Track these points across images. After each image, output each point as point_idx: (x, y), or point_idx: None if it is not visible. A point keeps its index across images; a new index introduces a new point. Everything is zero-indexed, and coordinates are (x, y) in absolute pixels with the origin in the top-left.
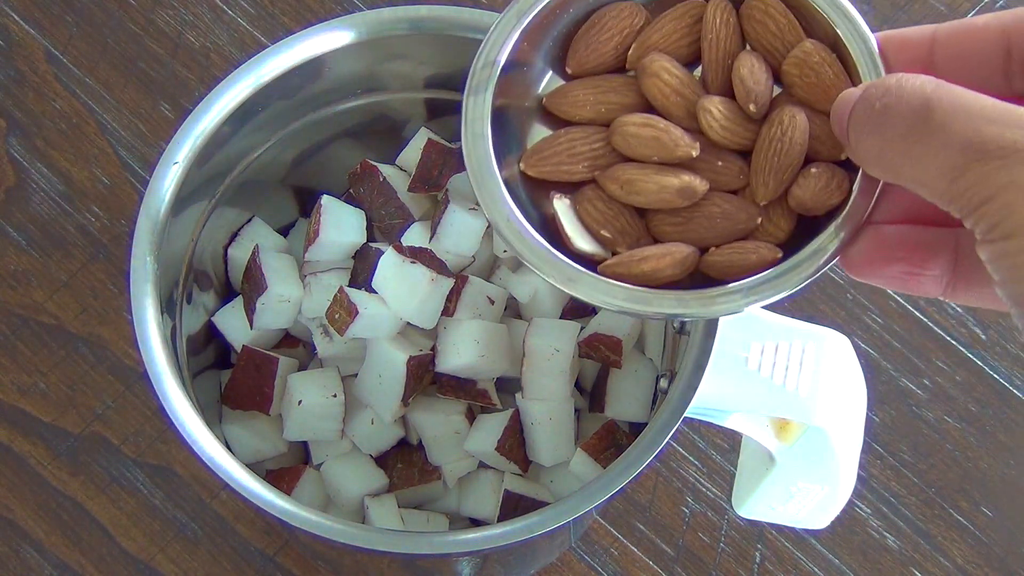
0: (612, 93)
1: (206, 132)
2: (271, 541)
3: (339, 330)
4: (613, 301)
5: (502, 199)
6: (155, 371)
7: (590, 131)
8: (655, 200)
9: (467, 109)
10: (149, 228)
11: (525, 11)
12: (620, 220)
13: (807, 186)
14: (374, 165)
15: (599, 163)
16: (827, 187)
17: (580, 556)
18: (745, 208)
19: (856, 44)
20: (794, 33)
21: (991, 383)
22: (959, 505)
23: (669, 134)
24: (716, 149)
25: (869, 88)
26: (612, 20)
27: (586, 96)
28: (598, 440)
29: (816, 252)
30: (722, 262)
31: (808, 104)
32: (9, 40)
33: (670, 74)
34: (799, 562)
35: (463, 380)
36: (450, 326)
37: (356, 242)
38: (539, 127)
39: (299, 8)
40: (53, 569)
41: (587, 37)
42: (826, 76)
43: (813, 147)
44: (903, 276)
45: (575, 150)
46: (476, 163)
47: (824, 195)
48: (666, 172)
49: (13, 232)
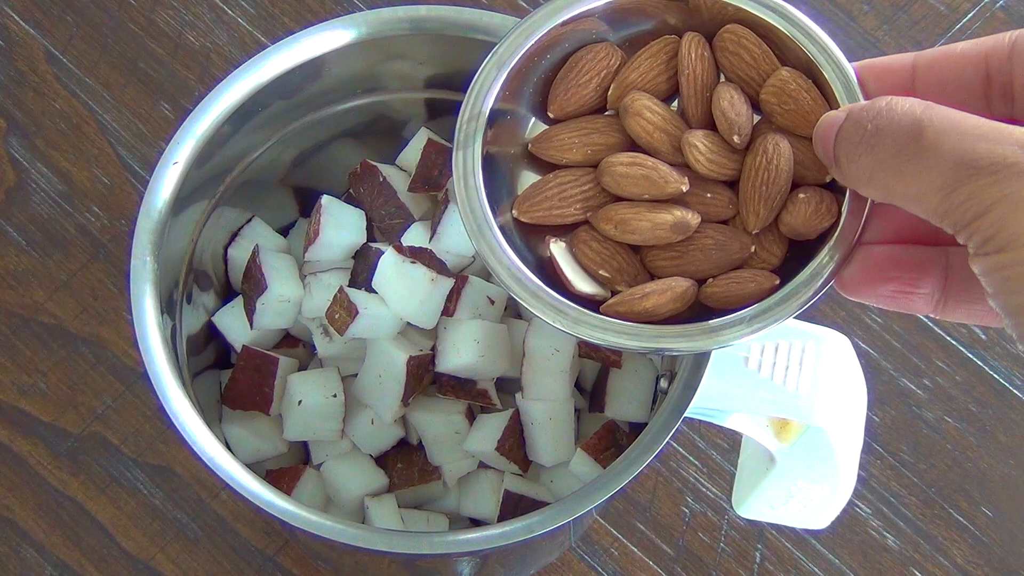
0: (596, 134)
1: (206, 132)
2: (271, 541)
3: (339, 330)
4: (619, 340)
5: (500, 249)
6: (155, 371)
7: (579, 173)
8: (650, 237)
9: (458, 163)
10: (149, 228)
11: (505, 62)
12: (617, 259)
13: (797, 212)
14: (374, 165)
15: (591, 204)
16: (817, 211)
17: (580, 556)
18: (738, 237)
19: (831, 69)
20: (768, 62)
21: (991, 383)
22: (959, 505)
23: (658, 171)
24: (704, 181)
25: (859, 111)
26: (589, 62)
27: (571, 139)
28: (598, 440)
29: (813, 276)
30: (721, 293)
31: (789, 131)
32: (9, 40)
33: (652, 112)
34: (799, 562)
35: (463, 380)
36: (450, 326)
37: (356, 242)
38: (528, 172)
39: (299, 8)
40: (53, 569)
41: (566, 81)
42: (805, 102)
43: (798, 172)
44: (895, 295)
45: (566, 193)
46: (472, 215)
47: (815, 220)
48: (658, 209)
49: (13, 232)
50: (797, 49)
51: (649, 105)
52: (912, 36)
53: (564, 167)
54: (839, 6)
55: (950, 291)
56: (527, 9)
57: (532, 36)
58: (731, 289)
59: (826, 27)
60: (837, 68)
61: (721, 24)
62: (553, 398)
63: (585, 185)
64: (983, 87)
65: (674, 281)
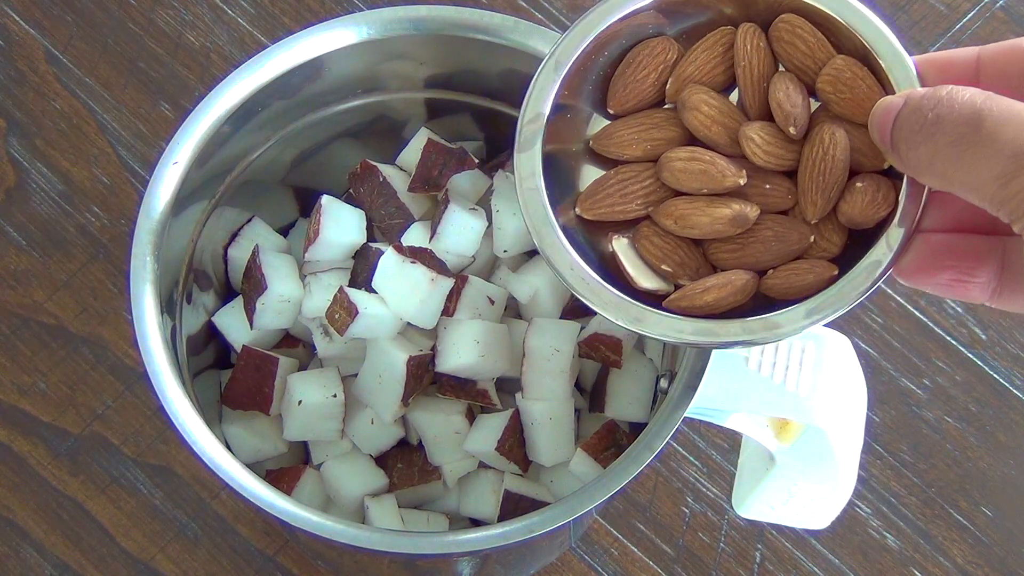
0: (656, 129)
1: (206, 132)
2: (271, 541)
3: (339, 330)
4: (682, 336)
5: (563, 248)
6: (155, 371)
7: (640, 169)
8: (709, 231)
9: (519, 165)
10: (149, 228)
11: (563, 62)
12: (679, 253)
13: (855, 202)
14: (374, 165)
15: (652, 199)
16: (874, 201)
17: (580, 556)
18: (797, 228)
19: (888, 56)
20: (824, 50)
21: (991, 383)
22: (959, 505)
23: (716, 166)
24: (762, 173)
25: (919, 98)
26: (647, 57)
27: (631, 135)
28: (598, 440)
29: (871, 265)
30: (781, 284)
31: (846, 119)
32: (9, 40)
33: (709, 106)
34: (799, 562)
35: (463, 380)
36: (450, 326)
37: (356, 242)
38: (589, 169)
39: (299, 8)
40: (53, 569)
41: (624, 77)
42: (861, 90)
43: (855, 160)
44: (951, 283)
45: (627, 189)
46: (534, 216)
47: (871, 209)
48: (717, 203)
49: (13, 232)
50: (853, 37)
51: (706, 99)
52: (912, 36)
53: (625, 163)
54: None
55: (1006, 280)
56: (527, 9)
57: (589, 35)
58: (791, 280)
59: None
60: (894, 55)
61: (776, 14)
62: (553, 398)
63: (646, 181)
64: None
65: (734, 275)
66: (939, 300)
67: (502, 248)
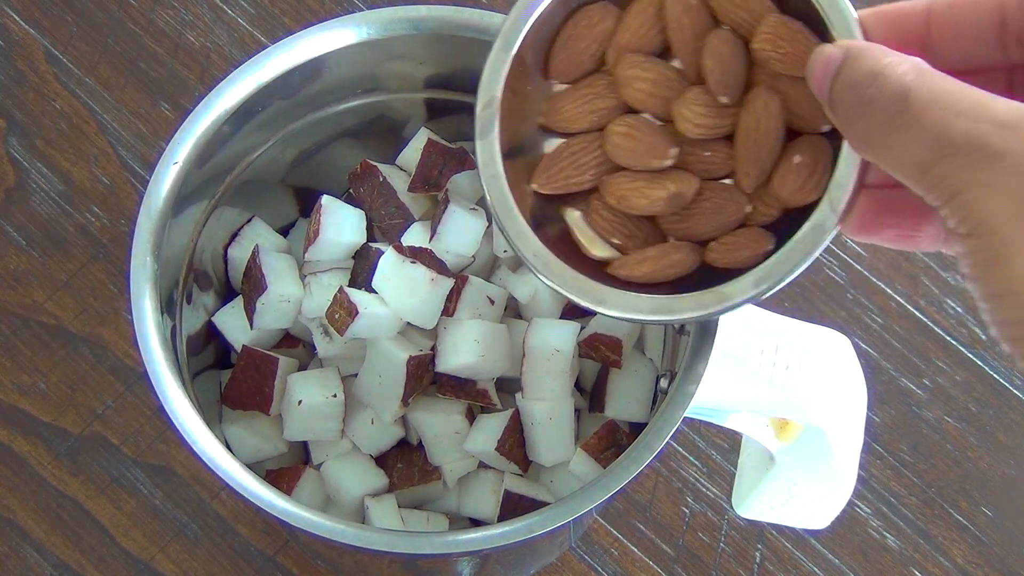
0: (599, 99)
1: (206, 132)
2: (271, 541)
3: (339, 330)
4: (640, 315)
5: (526, 233)
6: (155, 371)
7: (589, 139)
8: (648, 210)
9: (479, 152)
10: (149, 228)
11: (512, 40)
12: (627, 226)
13: (785, 182)
14: (374, 165)
15: (603, 168)
16: (804, 186)
17: (580, 556)
18: (734, 198)
19: (829, 7)
20: (759, 2)
21: (991, 383)
22: (959, 505)
23: (645, 144)
24: (702, 141)
25: (858, 73)
26: (585, 28)
27: (576, 109)
28: (598, 440)
29: (815, 228)
30: (722, 258)
31: (786, 75)
32: (9, 40)
33: (642, 80)
34: (799, 562)
35: (463, 380)
36: (450, 326)
37: (356, 242)
38: (553, 141)
39: (299, 8)
40: (53, 569)
41: (566, 48)
42: (799, 46)
43: (796, 123)
44: (898, 238)
45: (579, 161)
46: (497, 202)
47: (800, 194)
48: (654, 183)
49: (13, 232)
50: None
51: (639, 73)
52: None
53: (576, 135)
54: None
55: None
56: None
57: (534, 8)
58: (730, 255)
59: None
60: (835, 7)
61: None
62: (553, 398)
63: (595, 151)
64: (999, 34)
65: (672, 247)
66: (939, 300)
67: (502, 248)
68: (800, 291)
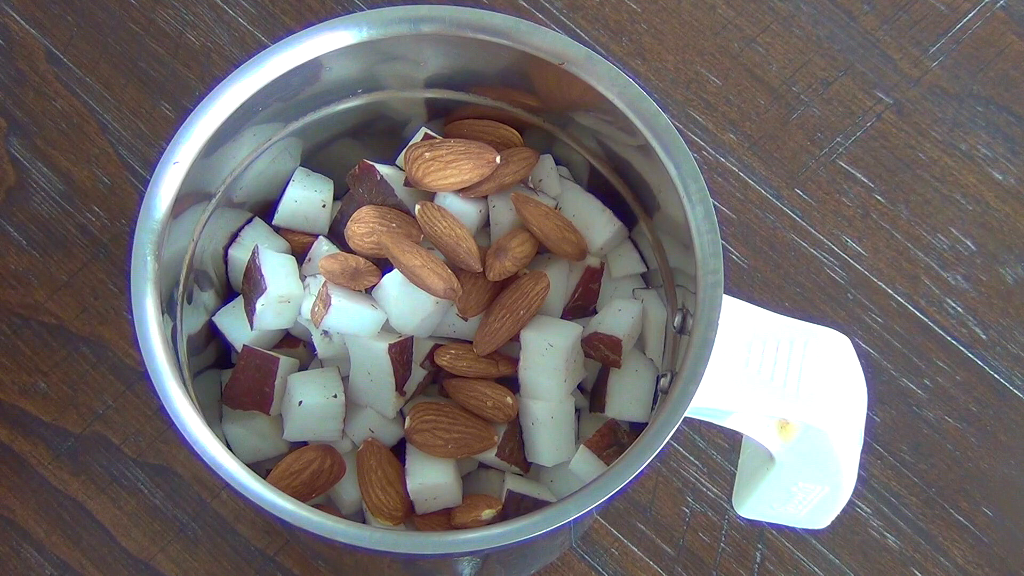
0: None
1: (206, 132)
2: (271, 541)
3: (315, 322)
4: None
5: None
6: (155, 371)
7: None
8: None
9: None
10: (149, 228)
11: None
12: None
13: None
14: (372, 165)
15: None
16: None
17: (580, 556)
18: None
19: None
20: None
21: (991, 383)
22: (959, 505)
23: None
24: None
25: None
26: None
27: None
28: (600, 438)
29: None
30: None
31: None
32: (9, 40)
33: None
34: (799, 562)
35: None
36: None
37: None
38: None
39: (299, 8)
40: (53, 569)
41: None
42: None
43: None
44: None
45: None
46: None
47: None
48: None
49: (13, 232)
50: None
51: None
52: (912, 36)
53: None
54: (839, 6)
55: None
56: (528, 9)
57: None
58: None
59: (826, 28)
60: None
61: None
62: (552, 397)
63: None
64: None
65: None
66: (939, 300)
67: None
68: (800, 291)
